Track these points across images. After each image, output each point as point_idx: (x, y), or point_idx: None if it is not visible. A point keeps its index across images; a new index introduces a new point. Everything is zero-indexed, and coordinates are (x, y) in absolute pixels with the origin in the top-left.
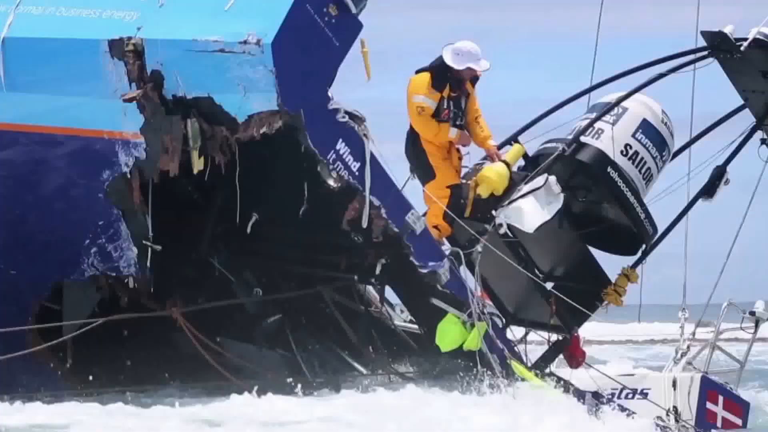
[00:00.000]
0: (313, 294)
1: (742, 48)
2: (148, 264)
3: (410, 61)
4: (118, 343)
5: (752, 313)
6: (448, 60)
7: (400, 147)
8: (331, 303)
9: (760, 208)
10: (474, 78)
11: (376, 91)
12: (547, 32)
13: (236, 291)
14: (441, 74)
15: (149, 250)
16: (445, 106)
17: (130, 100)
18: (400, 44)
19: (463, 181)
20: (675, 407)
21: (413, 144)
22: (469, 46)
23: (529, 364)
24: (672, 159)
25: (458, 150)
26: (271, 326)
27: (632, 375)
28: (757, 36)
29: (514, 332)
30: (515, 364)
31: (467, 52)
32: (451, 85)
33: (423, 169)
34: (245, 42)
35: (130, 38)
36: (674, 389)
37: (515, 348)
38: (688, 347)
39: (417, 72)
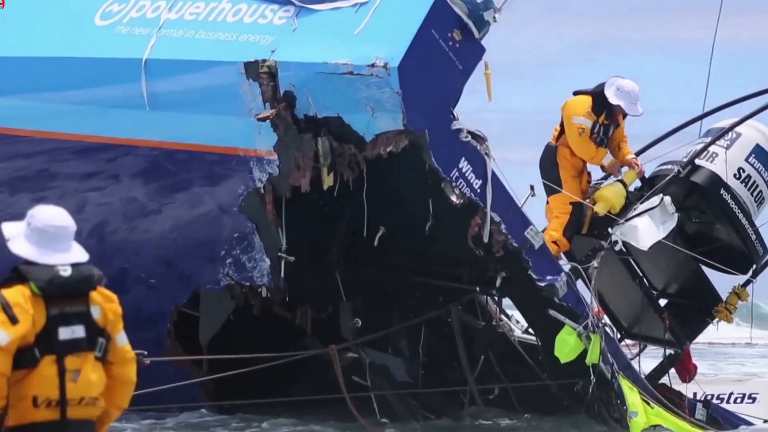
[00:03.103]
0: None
1: None
2: (282, 274)
3: (527, 73)
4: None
5: None
6: (608, 92)
7: (508, 153)
8: (456, 321)
9: None
10: (625, 114)
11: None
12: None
13: (340, 312)
14: (600, 101)
15: (282, 261)
16: (595, 131)
17: (264, 119)
18: (518, 56)
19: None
20: None
21: (550, 157)
22: (630, 87)
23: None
24: None
25: (589, 174)
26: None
27: (740, 380)
28: None
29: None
30: (623, 380)
31: (627, 92)
32: (606, 112)
33: (552, 182)
34: (373, 65)
35: (264, 60)
36: None
37: (631, 362)
38: None
39: (575, 93)
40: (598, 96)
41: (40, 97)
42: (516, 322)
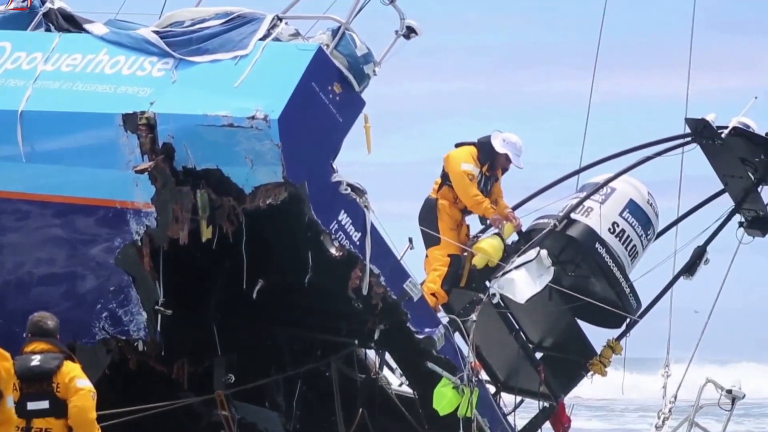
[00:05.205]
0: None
1: (723, 135)
2: (158, 328)
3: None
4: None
5: (729, 392)
6: (495, 142)
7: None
8: (335, 373)
9: None
10: (505, 168)
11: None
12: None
13: (214, 366)
14: (485, 151)
15: (159, 314)
16: (478, 180)
17: (142, 172)
18: (396, 110)
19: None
20: None
21: (429, 210)
22: (515, 139)
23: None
24: (656, 239)
25: (468, 227)
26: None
27: None
28: (737, 125)
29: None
30: None
31: (513, 143)
32: (489, 164)
33: (431, 235)
34: (253, 117)
35: (143, 112)
36: None
37: (506, 417)
38: (671, 411)
39: (457, 145)
40: (483, 146)
41: None
42: (400, 375)
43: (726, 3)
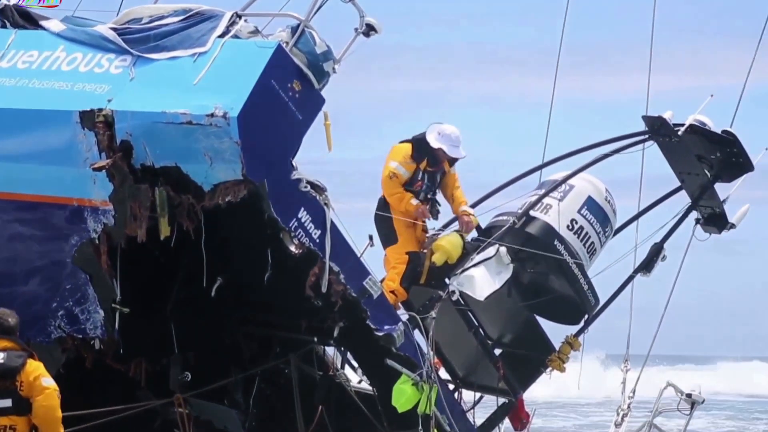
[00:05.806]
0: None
1: (679, 133)
2: (116, 326)
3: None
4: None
5: (689, 396)
6: (429, 136)
7: (356, 205)
8: (294, 370)
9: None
10: (453, 159)
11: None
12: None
13: (170, 365)
14: (421, 147)
15: (116, 313)
16: (419, 178)
17: (99, 169)
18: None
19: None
20: None
21: (384, 208)
22: (450, 131)
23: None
24: (614, 236)
25: (424, 222)
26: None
27: None
28: (693, 122)
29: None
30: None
31: (448, 135)
32: (429, 159)
33: (387, 234)
34: (212, 115)
35: (100, 110)
36: None
37: (466, 413)
38: (629, 406)
39: (401, 142)
40: (418, 142)
41: None
42: (362, 373)
43: (684, 7)
